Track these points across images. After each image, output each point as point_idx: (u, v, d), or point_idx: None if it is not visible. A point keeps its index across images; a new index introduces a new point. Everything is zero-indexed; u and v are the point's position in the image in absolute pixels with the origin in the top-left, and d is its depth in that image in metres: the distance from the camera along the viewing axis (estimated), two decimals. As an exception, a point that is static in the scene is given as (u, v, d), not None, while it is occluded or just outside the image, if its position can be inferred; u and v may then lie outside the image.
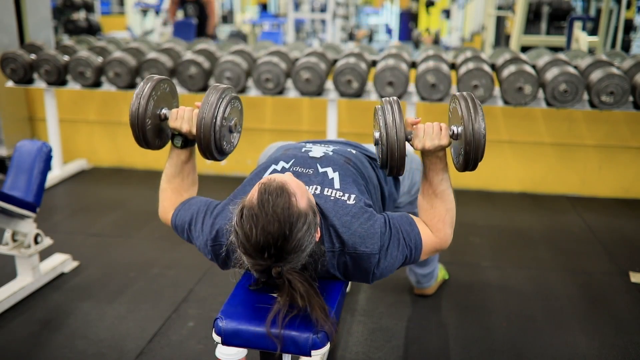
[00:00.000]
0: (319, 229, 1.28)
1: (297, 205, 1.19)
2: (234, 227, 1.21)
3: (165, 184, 1.56)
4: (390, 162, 1.35)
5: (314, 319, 1.20)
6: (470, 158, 1.32)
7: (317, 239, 1.26)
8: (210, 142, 1.41)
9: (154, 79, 1.47)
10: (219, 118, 1.40)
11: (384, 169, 1.40)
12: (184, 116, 1.47)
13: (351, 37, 9.86)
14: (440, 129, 1.37)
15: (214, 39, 6.43)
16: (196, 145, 1.48)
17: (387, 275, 1.38)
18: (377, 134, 1.40)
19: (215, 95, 1.41)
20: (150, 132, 1.49)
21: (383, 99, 1.39)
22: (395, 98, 1.37)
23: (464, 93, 1.37)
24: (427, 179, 1.43)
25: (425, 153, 1.40)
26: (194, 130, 1.45)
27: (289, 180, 1.24)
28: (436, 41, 9.44)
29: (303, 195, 1.23)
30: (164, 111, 1.51)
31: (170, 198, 1.55)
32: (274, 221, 1.15)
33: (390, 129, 1.32)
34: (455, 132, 1.36)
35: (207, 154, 1.45)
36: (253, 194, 1.21)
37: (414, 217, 1.43)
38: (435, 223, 1.41)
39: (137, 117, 1.44)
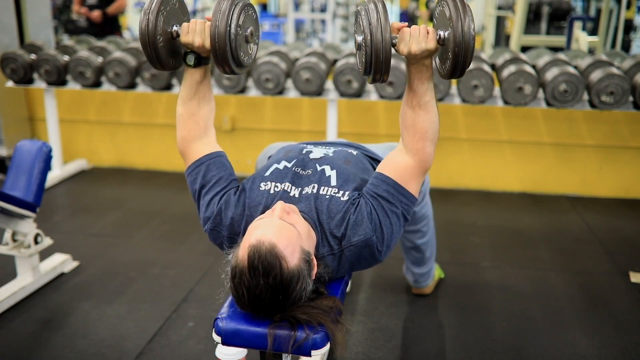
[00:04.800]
0: (315, 260, 1.28)
1: (288, 268, 1.17)
2: (229, 280, 1.22)
3: (181, 109, 1.49)
4: (375, 65, 1.25)
5: (330, 333, 1.21)
6: (458, 61, 1.24)
7: (313, 277, 1.26)
8: (226, 52, 1.32)
9: None
10: (233, 26, 1.31)
11: (367, 76, 1.32)
12: (195, 29, 1.37)
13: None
14: (427, 32, 1.29)
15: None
16: (212, 62, 1.41)
17: (395, 243, 1.38)
18: (359, 38, 1.30)
19: (227, 3, 1.31)
20: (163, 49, 1.39)
21: (365, 0, 1.30)
22: None
23: None
24: (411, 89, 1.36)
25: (410, 59, 1.32)
26: (207, 44, 1.36)
27: (279, 235, 1.20)
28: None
29: (294, 249, 1.20)
30: (175, 28, 1.40)
31: (187, 125, 1.49)
32: (266, 290, 1.16)
33: (375, 29, 1.22)
34: (443, 36, 1.27)
35: (225, 67, 1.36)
36: (244, 254, 1.18)
37: (383, 163, 1.41)
38: (415, 143, 1.37)
39: (147, 34, 1.34)
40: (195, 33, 1.37)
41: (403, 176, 1.38)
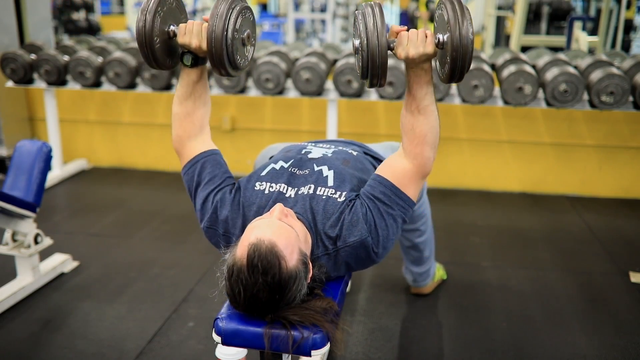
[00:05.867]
0: (310, 264, 1.28)
1: (287, 268, 1.17)
2: (224, 279, 1.21)
3: (177, 108, 1.50)
4: (371, 70, 1.25)
5: (325, 333, 1.21)
6: (457, 66, 1.24)
7: (309, 279, 1.26)
8: (222, 55, 1.33)
9: None
10: (230, 30, 1.31)
11: (364, 80, 1.32)
12: (192, 30, 1.37)
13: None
14: (426, 36, 1.28)
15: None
16: (208, 63, 1.41)
17: (392, 245, 1.38)
18: (356, 42, 1.28)
19: (224, 5, 1.31)
20: (160, 50, 1.40)
21: (363, 3, 1.30)
22: (377, 2, 1.27)
23: None
24: (410, 93, 1.36)
25: (409, 64, 1.32)
26: (204, 45, 1.37)
27: (279, 234, 1.20)
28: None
29: (293, 250, 1.20)
30: (172, 28, 1.41)
31: (183, 124, 1.49)
32: (263, 289, 1.16)
33: (371, 33, 1.22)
34: (441, 40, 1.26)
35: (221, 69, 1.37)
36: (243, 252, 1.18)
37: (382, 166, 1.41)
38: (414, 147, 1.37)
39: (144, 34, 1.35)
40: (192, 34, 1.38)
41: (401, 179, 1.37)
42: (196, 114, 1.50)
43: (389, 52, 1.29)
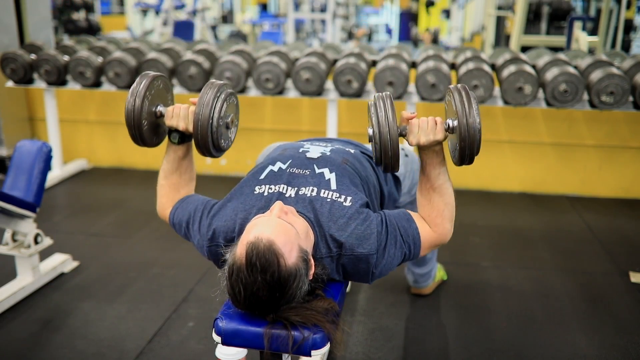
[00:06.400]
0: (312, 260, 1.28)
1: (286, 266, 1.17)
2: (225, 279, 1.22)
3: (162, 180, 1.55)
4: (384, 159, 1.33)
5: (326, 333, 1.21)
6: (465, 153, 1.30)
7: (310, 277, 1.25)
8: (207, 141, 1.41)
9: (148, 76, 1.46)
10: (215, 117, 1.39)
11: (378, 166, 1.38)
12: (180, 114, 1.46)
13: (350, 36, 9.86)
14: (436, 124, 1.35)
15: None
16: (193, 142, 1.47)
17: (387, 273, 1.37)
18: (370, 131, 1.37)
19: (211, 94, 1.40)
20: (147, 130, 1.48)
21: (375, 94, 1.36)
22: (387, 93, 1.35)
23: (459, 86, 1.34)
24: (424, 174, 1.41)
25: (421, 148, 1.38)
26: (190, 128, 1.44)
27: (277, 232, 1.20)
28: (435, 40, 9.44)
29: (292, 247, 1.20)
30: (159, 108, 1.50)
31: (168, 194, 1.54)
32: (262, 287, 1.16)
33: (382, 126, 1.30)
34: (451, 125, 1.33)
35: (205, 152, 1.45)
36: (241, 251, 1.18)
37: (412, 213, 1.42)
38: (433, 218, 1.40)
39: (132, 116, 1.43)
40: (179, 118, 1.46)
41: (423, 232, 1.39)
42: (181, 184, 1.56)
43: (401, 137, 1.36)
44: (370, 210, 1.38)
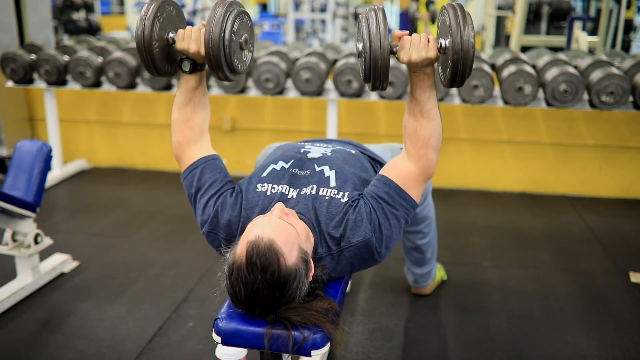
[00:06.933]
0: (312, 262, 1.28)
1: (286, 265, 1.17)
2: (225, 278, 1.21)
3: (176, 114, 1.51)
4: (374, 73, 1.27)
5: (326, 333, 1.21)
6: (458, 70, 1.26)
7: (310, 278, 1.25)
8: (220, 58, 1.34)
9: (158, 0, 1.39)
10: (227, 32, 1.32)
11: (366, 83, 1.33)
12: (191, 35, 1.39)
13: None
14: (428, 41, 1.30)
15: None
16: (207, 68, 1.41)
17: (394, 244, 1.38)
18: (360, 45, 1.31)
19: (221, 9, 1.33)
20: (159, 55, 1.41)
21: (367, 7, 1.31)
22: (380, 6, 1.30)
23: (454, 3, 1.30)
24: (413, 97, 1.37)
25: (412, 68, 1.33)
26: (202, 51, 1.37)
27: (278, 232, 1.20)
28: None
29: (293, 247, 1.20)
30: (171, 34, 1.42)
31: (183, 131, 1.50)
32: (262, 286, 1.16)
33: (374, 37, 1.24)
34: (443, 45, 1.28)
35: (219, 72, 1.38)
36: (242, 250, 1.18)
37: (385, 167, 1.42)
38: (417, 149, 1.38)
39: (142, 40, 1.36)
40: (190, 40, 1.39)
41: (405, 181, 1.38)
42: (195, 120, 1.51)
43: (392, 55, 1.31)
44: (360, 198, 1.38)
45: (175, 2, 1.46)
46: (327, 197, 1.37)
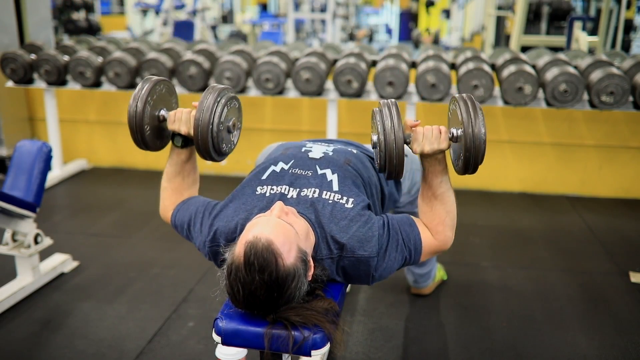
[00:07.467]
0: (312, 261, 1.28)
1: (284, 266, 1.17)
2: (224, 278, 1.21)
3: (165, 183, 1.56)
4: (389, 166, 1.33)
5: (326, 333, 1.21)
6: (470, 163, 1.30)
7: (309, 278, 1.25)
8: (208, 145, 1.41)
9: (151, 81, 1.46)
10: (215, 122, 1.39)
11: (382, 173, 1.38)
12: (182, 118, 1.46)
13: (351, 37, 9.86)
14: (440, 133, 1.35)
15: None
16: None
17: (387, 276, 1.37)
18: (374, 137, 1.37)
19: (211, 99, 1.39)
20: (150, 134, 1.49)
21: (381, 101, 1.36)
22: (393, 100, 1.35)
23: (464, 95, 1.34)
24: (426, 182, 1.41)
25: (424, 156, 1.39)
26: (192, 133, 1.44)
27: (276, 232, 1.20)
28: (436, 41, 9.44)
29: (291, 247, 1.20)
30: (162, 112, 1.50)
31: (171, 197, 1.55)
32: (260, 287, 1.16)
33: (388, 134, 1.29)
34: (455, 134, 1.33)
35: (206, 156, 1.45)
36: (240, 251, 1.18)
37: (415, 219, 1.42)
38: (435, 225, 1.40)
39: (134, 120, 1.44)
40: (181, 122, 1.47)
41: (424, 239, 1.39)
42: (184, 187, 1.57)
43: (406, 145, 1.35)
44: (372, 213, 1.38)
45: (167, 79, 1.53)
46: (330, 201, 1.36)
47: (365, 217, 1.34)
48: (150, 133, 1.49)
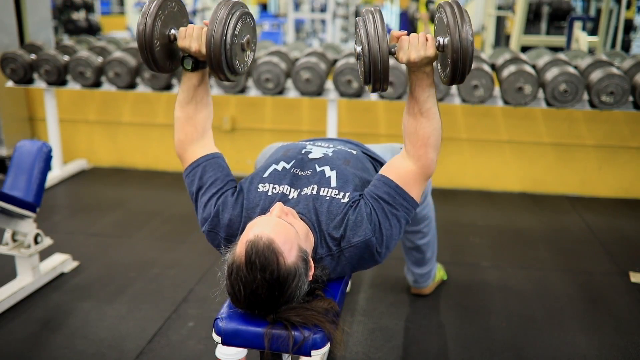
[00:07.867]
0: (312, 262, 1.28)
1: (285, 264, 1.17)
2: (225, 278, 1.21)
3: (178, 112, 1.51)
4: (373, 75, 1.27)
5: (326, 333, 1.21)
6: (457, 68, 1.26)
7: (310, 277, 1.25)
8: (221, 60, 1.33)
9: None
10: (229, 35, 1.32)
11: (367, 85, 1.33)
12: (192, 34, 1.38)
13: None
14: (426, 40, 1.30)
15: None
16: (207, 64, 1.41)
17: (395, 245, 1.38)
18: (358, 48, 1.31)
19: (224, 11, 1.32)
20: (160, 53, 1.40)
21: (364, 9, 1.30)
22: (377, 7, 1.29)
23: (450, 0, 1.29)
24: (412, 96, 1.38)
25: (411, 67, 1.34)
26: (203, 50, 1.37)
27: (277, 231, 1.20)
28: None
29: (292, 246, 1.20)
30: (172, 31, 1.42)
31: (185, 129, 1.50)
32: (262, 285, 1.16)
33: (372, 39, 1.23)
34: (442, 43, 1.28)
35: (219, 74, 1.38)
36: (241, 250, 1.18)
37: (385, 166, 1.42)
38: (417, 149, 1.38)
39: (144, 37, 1.36)
40: (192, 38, 1.39)
41: (405, 180, 1.38)
42: (198, 118, 1.50)
43: (391, 56, 1.30)
44: (360, 199, 1.38)
45: None
46: (327, 198, 1.37)
47: (354, 205, 1.36)
48: (160, 51, 1.40)
